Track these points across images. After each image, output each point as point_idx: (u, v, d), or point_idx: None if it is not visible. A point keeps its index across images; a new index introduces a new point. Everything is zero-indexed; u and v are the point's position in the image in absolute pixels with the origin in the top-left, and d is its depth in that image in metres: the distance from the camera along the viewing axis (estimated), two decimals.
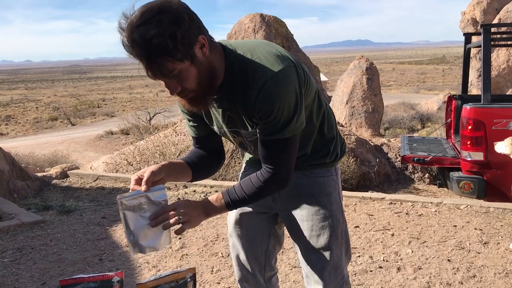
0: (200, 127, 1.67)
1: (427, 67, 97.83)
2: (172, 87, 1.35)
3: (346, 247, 1.72)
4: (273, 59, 1.41)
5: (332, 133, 1.66)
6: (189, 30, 1.29)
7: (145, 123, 22.57)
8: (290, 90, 1.39)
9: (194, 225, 1.47)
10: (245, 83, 1.41)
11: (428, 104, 21.70)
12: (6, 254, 3.71)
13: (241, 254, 1.83)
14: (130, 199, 1.42)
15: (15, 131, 35.31)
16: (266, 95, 1.38)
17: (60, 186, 5.97)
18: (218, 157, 1.76)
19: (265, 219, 1.80)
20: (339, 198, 1.71)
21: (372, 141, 9.16)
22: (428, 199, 4.88)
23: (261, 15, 14.86)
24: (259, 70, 1.39)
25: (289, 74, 1.40)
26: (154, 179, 1.46)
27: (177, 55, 1.28)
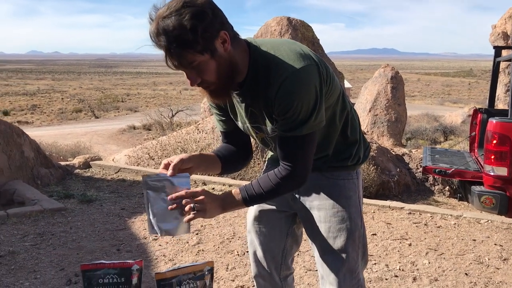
0: (228, 122, 1.69)
1: (453, 79, 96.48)
2: (192, 78, 1.40)
3: (363, 251, 1.72)
4: (295, 56, 1.42)
5: (355, 136, 1.67)
6: (211, 24, 1.33)
7: (167, 119, 22.77)
8: (310, 88, 1.40)
9: (209, 216, 1.48)
10: (267, 79, 1.43)
11: (452, 117, 21.40)
12: (27, 238, 3.80)
13: (258, 250, 1.84)
14: (154, 180, 1.45)
15: (40, 120, 36.01)
16: (285, 91, 1.39)
17: (82, 176, 6.07)
18: (246, 153, 1.78)
19: (284, 218, 1.81)
20: (358, 202, 1.71)
21: (394, 150, 9.09)
22: (448, 211, 4.82)
23: (288, 18, 14.87)
24: (281, 67, 1.41)
25: (310, 71, 1.41)
26: (182, 167, 1.49)
27: (197, 48, 1.32)
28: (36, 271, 3.19)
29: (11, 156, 5.29)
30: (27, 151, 5.59)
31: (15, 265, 3.28)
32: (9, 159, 5.25)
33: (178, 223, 1.47)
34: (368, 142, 1.79)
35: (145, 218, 4.33)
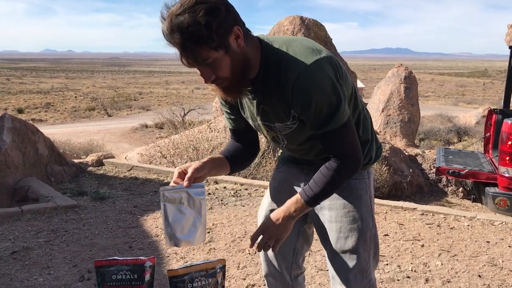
0: (238, 120, 1.70)
1: (468, 79, 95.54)
2: (206, 75, 1.39)
3: (374, 251, 1.71)
4: (307, 52, 1.42)
5: (367, 136, 1.66)
6: (225, 20, 1.33)
7: (179, 118, 22.86)
8: (325, 80, 1.39)
9: (285, 235, 1.55)
10: (279, 76, 1.43)
11: (466, 117, 21.20)
12: (41, 234, 3.84)
13: (268, 251, 1.84)
14: (171, 192, 1.48)
15: (53, 118, 36.37)
16: (301, 89, 1.39)
17: (95, 173, 6.12)
18: (254, 150, 1.79)
19: None
20: (370, 202, 1.70)
21: (407, 151, 9.03)
22: (461, 212, 4.78)
23: (301, 17, 14.83)
24: (292, 63, 1.40)
25: (322, 64, 1.40)
26: (196, 175, 1.52)
27: (212, 44, 1.32)
28: (50, 267, 3.22)
29: (26, 153, 5.36)
30: (42, 148, 5.65)
31: (29, 260, 3.32)
32: (24, 156, 5.32)
33: (196, 231, 1.50)
34: (380, 142, 1.78)
35: (157, 216, 4.36)
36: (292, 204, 1.54)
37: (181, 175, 1.51)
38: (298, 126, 1.53)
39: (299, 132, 1.55)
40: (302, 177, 1.74)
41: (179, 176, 1.51)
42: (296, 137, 1.58)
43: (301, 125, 1.52)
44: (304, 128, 1.52)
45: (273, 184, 1.84)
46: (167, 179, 5.72)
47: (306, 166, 1.72)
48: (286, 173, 1.81)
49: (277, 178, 1.84)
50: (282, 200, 1.77)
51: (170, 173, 5.91)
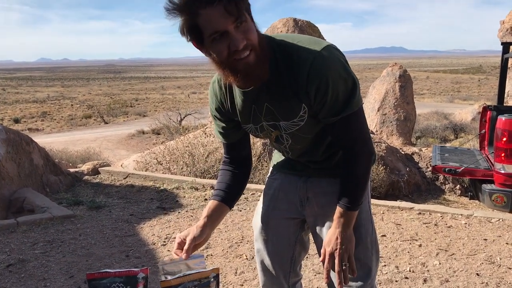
0: (231, 133, 1.65)
1: (463, 76, 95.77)
2: (239, 38, 1.28)
3: (376, 257, 1.68)
4: (313, 41, 1.41)
5: None
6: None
7: (176, 123, 22.84)
8: (339, 64, 1.39)
9: (352, 247, 1.55)
10: (290, 68, 1.39)
11: (462, 114, 21.23)
12: (37, 246, 3.82)
13: (266, 259, 1.80)
14: (171, 266, 1.48)
15: (50, 127, 36.28)
16: (316, 75, 1.36)
17: (91, 182, 6.10)
18: (247, 169, 1.74)
19: (293, 225, 1.77)
20: (368, 208, 1.68)
21: (403, 149, 9.04)
22: (458, 210, 4.77)
23: (294, 19, 14.86)
24: (303, 52, 1.38)
25: (332, 51, 1.40)
26: (197, 242, 1.54)
27: (245, 3, 1.29)
28: (46, 279, 3.21)
29: (21, 164, 5.33)
30: (36, 158, 5.63)
31: (25, 273, 3.30)
32: (19, 167, 5.29)
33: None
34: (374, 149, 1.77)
35: (153, 223, 4.34)
36: (339, 217, 1.54)
37: (181, 245, 1.52)
38: (306, 123, 1.49)
39: (306, 129, 1.52)
40: (300, 184, 1.70)
41: (178, 247, 1.52)
42: (302, 135, 1.55)
43: (310, 121, 1.49)
44: (312, 123, 1.49)
45: (268, 191, 1.79)
46: (163, 186, 5.71)
47: (304, 173, 1.69)
48: (281, 181, 1.76)
49: (273, 186, 1.79)
50: (280, 208, 1.75)
51: (167, 179, 5.89)
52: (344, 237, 1.52)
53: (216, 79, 1.58)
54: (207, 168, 6.26)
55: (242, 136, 1.67)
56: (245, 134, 1.68)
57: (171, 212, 4.71)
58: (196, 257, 1.51)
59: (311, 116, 1.47)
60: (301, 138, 1.56)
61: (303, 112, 1.46)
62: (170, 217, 4.55)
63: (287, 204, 1.74)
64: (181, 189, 5.56)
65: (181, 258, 1.49)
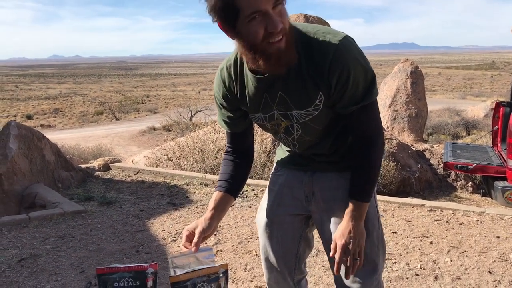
0: (237, 122, 1.65)
1: (475, 72, 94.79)
2: (278, 20, 1.28)
3: (383, 253, 1.67)
4: (333, 31, 1.42)
5: None
6: None
7: (186, 120, 22.90)
8: (359, 55, 1.40)
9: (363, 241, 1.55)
10: (312, 56, 1.40)
11: (475, 110, 21.01)
12: (48, 241, 3.85)
13: (270, 256, 1.79)
14: (180, 259, 1.50)
15: (62, 123, 36.57)
16: (338, 62, 1.37)
17: (102, 178, 6.14)
18: (249, 160, 1.75)
19: (297, 222, 1.76)
20: (374, 202, 1.67)
21: (414, 146, 8.96)
22: (470, 207, 4.72)
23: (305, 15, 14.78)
24: (324, 41, 1.38)
25: (351, 41, 1.42)
26: (205, 235, 1.56)
27: None
28: (57, 274, 3.23)
29: (33, 160, 5.38)
30: (48, 154, 5.68)
31: (37, 267, 3.33)
32: (31, 163, 5.34)
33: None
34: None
35: (163, 219, 4.36)
36: (352, 210, 1.54)
37: (189, 237, 1.54)
38: (320, 112, 1.49)
39: (319, 119, 1.51)
40: (305, 179, 1.69)
41: (187, 240, 1.54)
42: (313, 125, 1.53)
43: (324, 111, 1.48)
44: (325, 113, 1.49)
45: (273, 188, 1.78)
46: (173, 182, 5.72)
47: (309, 168, 1.68)
48: (286, 176, 1.75)
49: (278, 182, 1.77)
50: (285, 204, 1.74)
51: (177, 175, 5.91)
52: (357, 231, 1.53)
53: (224, 65, 1.57)
54: (217, 164, 6.27)
55: (247, 126, 1.68)
56: (250, 124, 1.69)
57: (181, 208, 4.72)
58: (205, 250, 1.52)
59: (326, 105, 1.47)
60: (312, 129, 1.55)
61: (319, 101, 1.46)
62: (180, 213, 4.56)
63: (292, 200, 1.73)
64: (191, 185, 5.57)
65: (190, 251, 1.50)
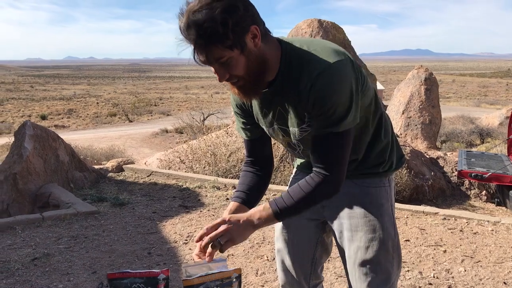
0: (253, 128, 1.65)
1: (490, 80, 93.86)
2: (220, 73, 1.36)
3: (398, 262, 1.64)
4: (329, 51, 1.39)
5: (388, 139, 1.61)
6: (242, 19, 1.30)
7: (198, 123, 22.97)
8: (346, 83, 1.36)
9: (239, 241, 1.45)
10: (300, 74, 1.40)
11: (489, 118, 20.79)
12: (61, 241, 3.88)
13: (286, 259, 1.78)
14: (194, 269, 1.48)
15: (76, 124, 36.92)
16: (321, 86, 1.35)
17: (115, 179, 6.17)
18: (268, 171, 1.73)
19: (314, 226, 1.75)
20: (391, 211, 1.64)
21: (428, 153, 8.88)
22: (485, 217, 4.66)
23: (319, 20, 14.75)
24: (314, 62, 1.38)
25: (345, 66, 1.37)
26: None
27: (227, 42, 1.29)
28: (69, 274, 3.25)
29: (47, 160, 5.43)
30: (62, 155, 5.72)
31: (50, 267, 3.36)
32: (45, 163, 5.39)
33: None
34: (402, 151, 1.72)
35: (175, 221, 4.37)
36: (258, 211, 1.45)
37: (203, 248, 1.51)
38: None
39: None
40: None
41: (200, 249, 1.50)
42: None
43: None
44: None
45: None
46: (185, 185, 5.73)
47: None
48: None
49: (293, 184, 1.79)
50: None
51: (189, 178, 5.92)
52: (243, 228, 1.44)
53: None
54: (229, 167, 6.27)
55: (263, 133, 1.67)
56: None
57: (193, 211, 4.73)
58: (218, 260, 1.50)
59: None
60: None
61: (308, 118, 1.45)
62: (192, 216, 4.56)
63: None
64: (203, 188, 5.57)
65: (204, 261, 1.49)
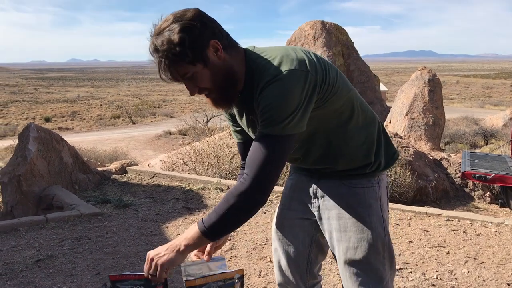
0: (242, 131, 1.69)
1: (494, 81, 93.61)
2: (189, 88, 1.45)
3: (390, 261, 1.64)
4: (284, 60, 1.40)
5: (372, 141, 1.61)
6: (200, 36, 1.38)
7: (202, 125, 23.00)
8: (292, 92, 1.36)
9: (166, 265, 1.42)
10: (257, 83, 1.43)
11: (493, 119, 20.73)
12: (65, 242, 3.89)
13: (282, 259, 1.80)
14: (193, 268, 1.51)
15: (79, 126, 37.03)
16: (266, 93, 1.39)
17: (118, 181, 6.19)
18: None
19: (308, 225, 1.75)
20: (380, 211, 1.63)
21: (431, 155, 8.87)
22: (488, 218, 4.65)
23: (322, 22, 14.76)
24: (265, 71, 1.41)
25: (295, 76, 1.37)
26: (217, 245, 1.57)
27: (186, 59, 1.37)
28: (73, 275, 3.26)
29: (51, 162, 5.45)
30: (66, 157, 5.75)
31: (53, 268, 3.37)
32: (49, 165, 5.41)
33: None
34: (395, 148, 1.71)
35: (178, 223, 4.38)
36: (187, 234, 1.44)
37: (202, 248, 1.55)
38: None
39: None
40: (312, 183, 1.70)
41: (199, 250, 1.55)
42: None
43: None
44: None
45: (285, 191, 1.82)
46: (188, 186, 5.75)
47: (314, 174, 1.69)
48: (296, 181, 1.78)
49: (288, 186, 1.81)
50: (293, 208, 1.76)
51: (192, 180, 5.93)
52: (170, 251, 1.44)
53: None
54: (232, 169, 6.28)
55: None
56: None
57: (196, 212, 4.74)
58: (217, 259, 1.53)
59: None
60: None
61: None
62: (195, 217, 4.57)
63: (300, 204, 1.74)
64: (206, 189, 5.58)
65: (202, 260, 1.50)
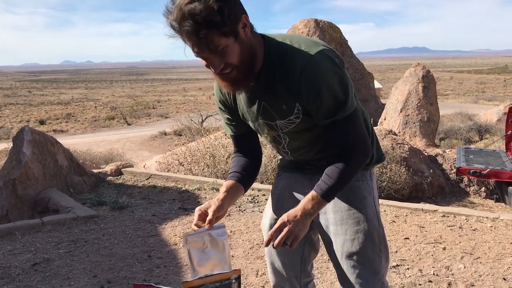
0: (238, 124, 1.69)
1: (488, 76, 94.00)
2: (215, 63, 1.37)
3: (385, 254, 1.67)
4: (310, 43, 1.44)
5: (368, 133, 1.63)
6: (234, 7, 1.34)
7: (197, 125, 22.98)
8: (332, 69, 1.41)
9: (302, 235, 1.50)
10: (283, 68, 1.43)
11: (487, 115, 20.81)
12: (61, 245, 3.88)
13: (276, 261, 1.81)
14: (194, 237, 1.51)
15: (74, 128, 36.88)
16: (308, 77, 1.39)
17: (114, 183, 6.18)
18: (258, 159, 1.78)
19: None
20: (374, 203, 1.68)
21: (426, 151, 8.90)
22: (484, 213, 4.67)
23: (316, 20, 14.78)
24: (297, 54, 1.42)
25: (328, 54, 1.42)
26: (218, 214, 1.55)
27: (224, 29, 1.30)
28: (70, 278, 3.25)
29: (46, 165, 5.43)
30: (61, 159, 5.73)
31: (50, 272, 3.36)
32: (44, 168, 5.39)
33: (222, 271, 1.50)
34: (382, 150, 1.76)
35: (175, 224, 4.37)
36: (308, 201, 1.51)
37: (202, 216, 1.54)
38: (302, 120, 1.52)
39: (302, 127, 1.54)
40: (305, 181, 1.71)
41: (199, 218, 1.54)
42: (298, 133, 1.58)
43: (305, 119, 1.51)
44: (308, 121, 1.52)
45: (275, 191, 1.82)
46: (184, 187, 5.74)
47: (309, 171, 1.70)
48: (287, 180, 1.79)
49: (279, 186, 1.81)
50: (285, 208, 1.74)
51: (188, 180, 5.93)
52: (303, 221, 1.49)
53: None
54: (228, 169, 6.28)
55: (249, 128, 1.70)
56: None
57: (193, 213, 4.72)
58: (217, 227, 1.53)
59: (305, 114, 1.50)
60: (297, 136, 1.59)
61: (297, 110, 1.49)
62: (191, 218, 4.57)
63: (294, 203, 1.73)
64: (202, 190, 5.58)
65: (204, 229, 1.51)
